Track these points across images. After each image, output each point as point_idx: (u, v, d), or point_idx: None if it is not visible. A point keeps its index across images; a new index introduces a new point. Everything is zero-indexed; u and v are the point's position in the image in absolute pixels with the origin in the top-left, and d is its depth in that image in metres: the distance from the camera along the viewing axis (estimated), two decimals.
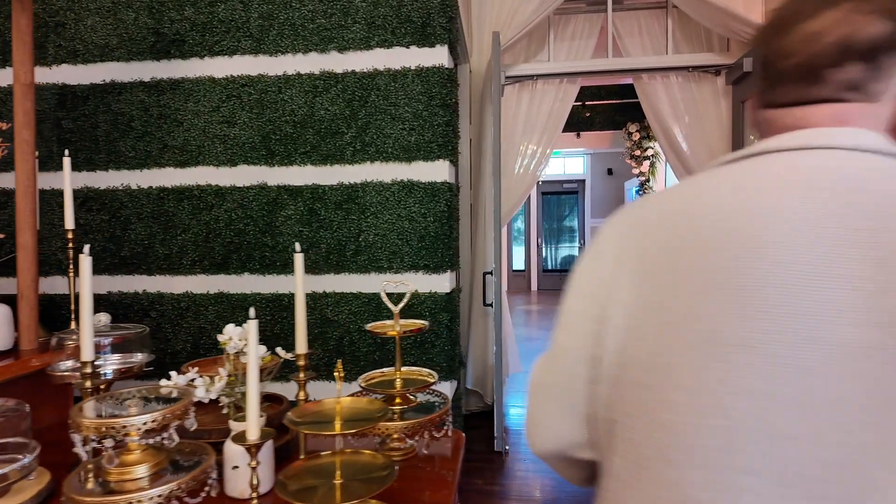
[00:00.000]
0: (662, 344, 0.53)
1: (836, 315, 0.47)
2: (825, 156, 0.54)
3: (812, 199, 0.51)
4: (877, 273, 0.47)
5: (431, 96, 2.06)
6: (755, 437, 0.48)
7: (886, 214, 0.48)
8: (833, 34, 0.55)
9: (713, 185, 0.58)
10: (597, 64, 3.51)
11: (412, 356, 2.05)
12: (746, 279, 0.50)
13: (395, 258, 2.07)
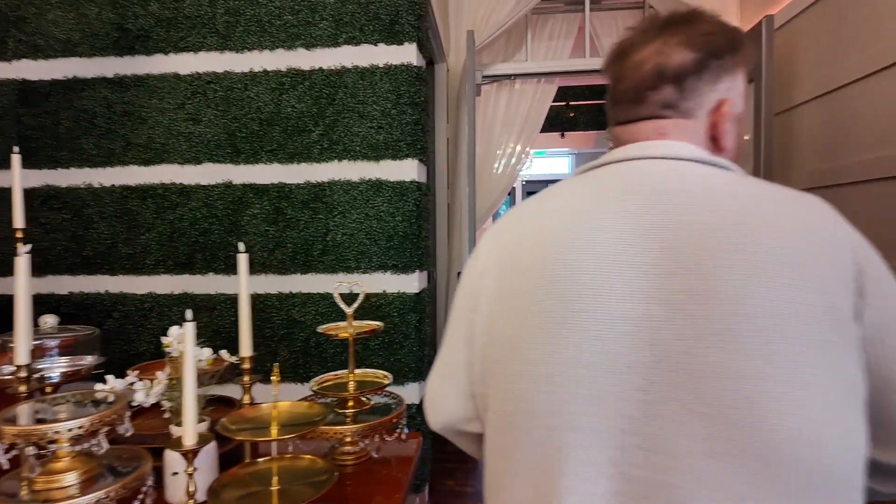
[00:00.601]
0: (511, 326, 0.63)
1: (631, 295, 0.57)
2: (642, 164, 0.65)
3: (622, 202, 0.61)
4: (664, 260, 0.57)
5: (400, 94, 2.03)
6: (575, 400, 0.57)
7: (678, 211, 0.58)
8: (651, 62, 0.67)
9: (559, 191, 0.69)
10: (574, 64, 3.50)
11: (379, 357, 2.03)
12: (567, 269, 0.60)
13: (362, 258, 2.04)
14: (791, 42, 2.78)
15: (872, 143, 2.21)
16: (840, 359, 0.53)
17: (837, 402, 0.52)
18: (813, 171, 2.60)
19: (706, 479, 0.52)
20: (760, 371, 0.51)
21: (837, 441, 0.52)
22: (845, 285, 0.55)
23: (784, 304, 0.52)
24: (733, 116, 0.69)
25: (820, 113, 2.57)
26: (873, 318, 0.55)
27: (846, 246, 0.57)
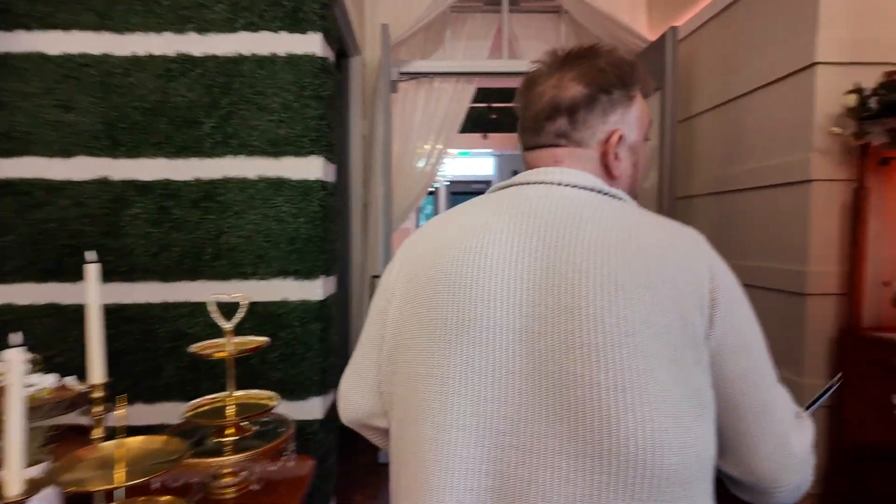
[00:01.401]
0: (413, 332, 0.68)
1: (516, 308, 0.63)
2: (538, 189, 0.71)
3: (515, 223, 0.67)
4: (544, 279, 0.62)
5: (304, 87, 1.90)
6: (463, 401, 0.63)
7: (560, 235, 0.64)
8: (548, 95, 0.73)
9: (468, 208, 0.75)
10: (492, 65, 3.49)
11: (279, 371, 1.88)
12: (463, 282, 0.66)
13: (261, 263, 1.89)
14: (693, 53, 2.91)
15: (762, 152, 2.34)
16: (691, 375, 0.60)
17: (686, 413, 0.59)
18: (712, 176, 2.73)
19: (569, 476, 0.58)
20: (617, 382, 0.57)
21: (683, 448, 0.58)
22: (700, 310, 0.61)
23: (642, 325, 0.58)
24: (626, 145, 0.75)
25: (718, 122, 2.69)
26: (718, 342, 0.62)
27: (705, 275, 0.63)
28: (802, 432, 0.70)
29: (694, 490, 0.60)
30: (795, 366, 2.11)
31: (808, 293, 2.04)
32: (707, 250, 0.67)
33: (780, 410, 0.67)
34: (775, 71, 2.21)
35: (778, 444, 0.66)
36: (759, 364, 0.66)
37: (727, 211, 2.60)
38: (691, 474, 0.59)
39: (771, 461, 0.66)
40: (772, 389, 0.67)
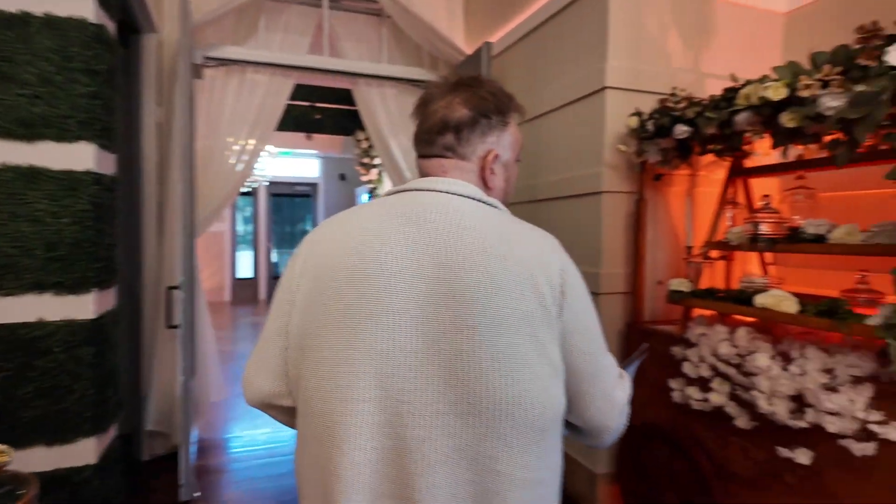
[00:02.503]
0: (321, 321, 0.78)
1: (411, 297, 0.75)
2: (426, 195, 0.83)
3: (407, 224, 0.80)
4: (435, 271, 0.76)
5: (70, 57, 1.55)
6: (367, 377, 0.74)
7: (445, 235, 0.78)
8: (440, 113, 0.87)
9: (365, 209, 0.86)
10: (312, 60, 3.31)
11: (34, 409, 1.50)
12: (365, 276, 0.77)
13: (7, 274, 1.49)
14: (506, 69, 3.10)
15: (562, 165, 2.57)
16: (547, 348, 0.77)
17: (544, 378, 0.76)
18: (520, 187, 2.93)
19: (455, 431, 0.74)
20: (493, 355, 0.73)
21: (542, 404, 0.76)
22: (554, 300, 0.78)
23: (512, 310, 0.75)
24: (500, 163, 0.91)
25: (525, 136, 2.89)
26: (565, 324, 0.79)
27: (558, 272, 0.80)
28: (623, 388, 0.90)
29: (547, 435, 0.79)
30: None
31: (601, 293, 2.28)
32: (561, 253, 0.83)
33: (608, 374, 0.86)
34: (573, 92, 2.44)
35: (607, 400, 0.85)
36: (594, 340, 0.84)
37: (535, 219, 2.80)
38: (546, 424, 0.78)
39: (601, 412, 0.85)
40: (603, 359, 0.85)
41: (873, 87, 1.21)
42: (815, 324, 1.45)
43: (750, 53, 2.47)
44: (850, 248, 1.48)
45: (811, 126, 1.42)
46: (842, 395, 1.36)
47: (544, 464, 0.80)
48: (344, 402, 0.75)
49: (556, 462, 0.83)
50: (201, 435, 3.26)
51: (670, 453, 1.95)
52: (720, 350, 1.70)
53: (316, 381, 0.78)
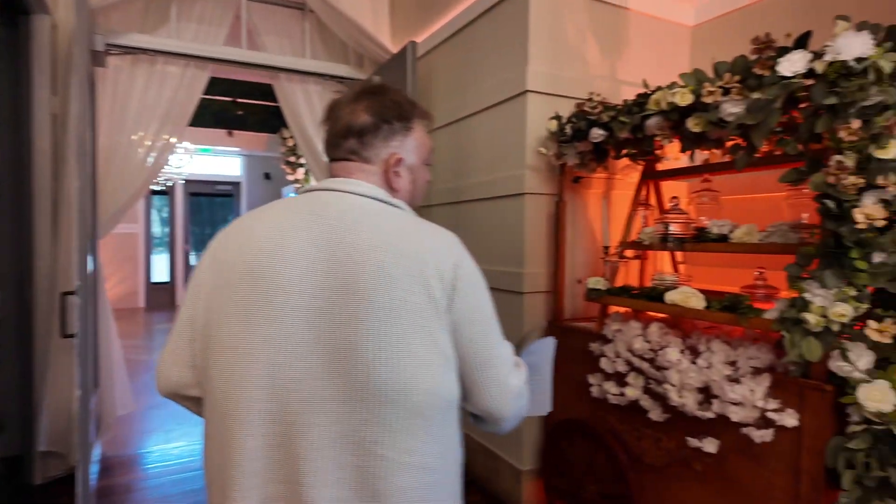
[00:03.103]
0: (224, 314, 0.84)
1: (305, 291, 0.81)
2: (329, 195, 0.90)
3: (308, 221, 0.85)
4: (328, 267, 0.81)
5: None
6: (260, 366, 0.80)
7: (343, 233, 0.83)
8: (345, 119, 0.94)
9: (271, 207, 0.92)
10: (229, 52, 3.15)
11: None
12: (263, 270, 0.82)
13: None
14: (432, 70, 3.09)
15: (487, 167, 2.59)
16: (437, 338, 0.82)
17: (432, 367, 0.81)
18: (447, 188, 2.93)
19: (340, 417, 0.79)
20: (378, 346, 0.78)
21: (427, 391, 0.80)
22: (445, 290, 0.83)
23: (400, 303, 0.80)
24: (405, 166, 0.96)
25: (451, 138, 2.90)
26: (456, 316, 0.85)
27: (450, 268, 0.85)
28: (518, 376, 0.94)
29: (434, 422, 0.83)
30: None
31: (525, 292, 2.32)
32: (457, 250, 0.88)
33: (502, 363, 0.90)
34: (496, 95, 2.46)
35: (501, 387, 0.89)
36: (487, 331, 0.88)
37: (461, 220, 2.81)
38: (434, 411, 0.82)
39: (496, 400, 0.89)
40: (495, 349, 0.89)
41: (767, 95, 1.30)
42: (719, 318, 1.54)
43: (661, 63, 2.60)
44: (749, 246, 1.58)
45: (714, 131, 1.50)
46: (743, 386, 1.45)
47: (433, 450, 0.83)
48: (238, 391, 0.81)
49: (448, 449, 0.87)
50: (107, 452, 3.01)
51: (590, 447, 2.01)
52: (634, 345, 1.77)
53: (216, 371, 0.83)
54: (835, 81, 1.20)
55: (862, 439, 1.20)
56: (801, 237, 1.46)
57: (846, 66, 1.18)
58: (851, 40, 1.18)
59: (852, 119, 1.18)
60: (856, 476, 1.20)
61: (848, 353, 1.24)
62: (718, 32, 2.60)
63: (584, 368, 2.03)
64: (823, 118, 1.24)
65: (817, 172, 1.25)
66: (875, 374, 1.21)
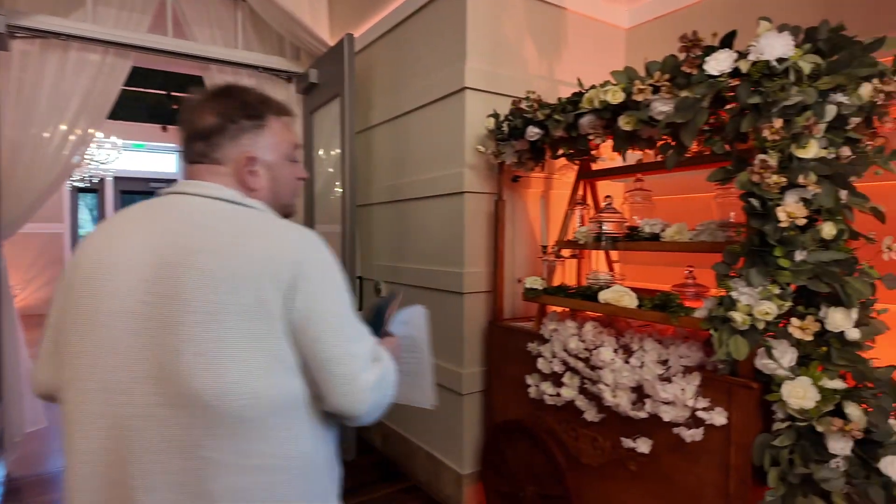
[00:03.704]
0: (66, 316, 0.87)
1: (131, 296, 0.83)
2: (175, 197, 0.91)
3: (148, 224, 0.87)
4: (156, 271, 0.82)
5: None
6: (94, 371, 0.83)
7: (177, 235, 0.84)
8: (191, 122, 0.94)
9: (124, 211, 0.94)
10: (155, 41, 2.95)
11: None
12: (98, 274, 0.85)
13: None
14: (371, 64, 3.00)
15: (426, 165, 2.53)
16: (268, 341, 0.82)
17: (258, 369, 0.81)
18: (387, 186, 2.85)
19: (167, 422, 0.80)
20: (197, 350, 0.78)
21: (252, 395, 0.80)
22: (280, 291, 0.82)
23: (223, 306, 0.79)
24: (262, 164, 0.96)
25: (390, 135, 2.83)
26: (297, 316, 0.83)
27: (289, 268, 0.83)
28: (374, 371, 0.91)
29: (267, 425, 0.83)
30: (457, 358, 2.32)
31: (465, 292, 2.27)
32: (304, 248, 0.87)
33: (351, 360, 0.87)
34: (434, 92, 2.41)
35: (351, 385, 0.87)
36: (335, 328, 0.86)
37: (401, 219, 2.74)
38: (260, 415, 0.82)
39: (346, 398, 0.87)
40: (345, 346, 0.87)
41: (695, 94, 1.30)
42: (651, 317, 1.54)
43: (598, 64, 2.61)
44: (679, 245, 1.58)
45: (645, 130, 1.50)
46: (675, 385, 1.45)
47: (273, 451, 0.84)
48: (75, 395, 0.84)
49: (297, 450, 0.87)
50: (13, 473, 2.75)
51: (529, 448, 1.98)
52: (570, 345, 1.75)
53: (62, 375, 0.87)
54: (758, 81, 1.21)
55: (786, 436, 1.22)
56: (729, 236, 1.48)
57: (769, 67, 1.19)
58: (773, 41, 1.19)
59: (775, 118, 1.19)
60: (781, 473, 1.22)
61: (773, 351, 1.25)
62: (652, 35, 2.64)
63: (523, 369, 2.00)
64: (748, 117, 1.24)
65: (743, 171, 1.26)
66: (798, 370, 1.23)
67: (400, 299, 1.18)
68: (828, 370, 1.23)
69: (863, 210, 1.29)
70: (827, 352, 1.24)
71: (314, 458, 0.90)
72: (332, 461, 0.96)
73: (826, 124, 1.21)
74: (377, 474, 2.72)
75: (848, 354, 1.23)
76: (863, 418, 1.16)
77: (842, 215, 1.25)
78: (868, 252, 1.27)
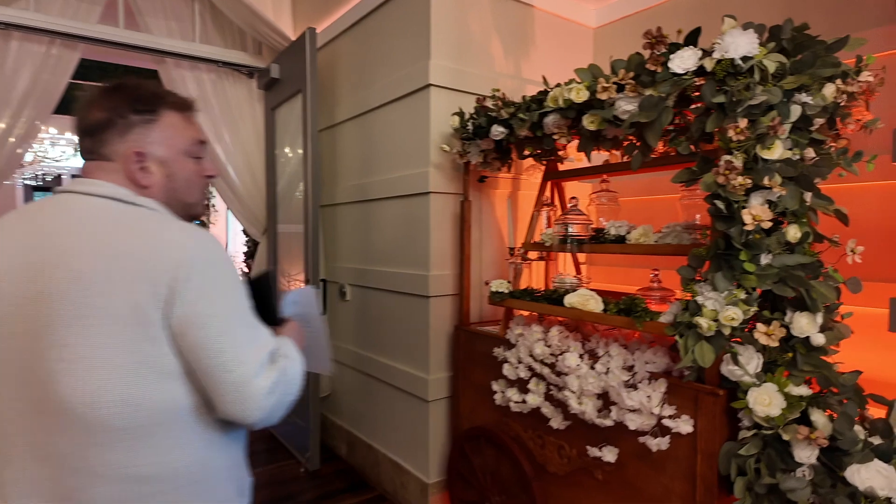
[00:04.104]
0: None
1: (3, 298, 0.80)
2: (61, 196, 0.89)
3: (29, 222, 0.86)
4: (27, 271, 0.80)
5: None
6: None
7: (54, 235, 0.82)
8: (80, 119, 0.92)
9: (13, 212, 0.92)
10: (106, 32, 2.80)
11: None
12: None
13: None
14: (335, 60, 2.91)
15: (392, 164, 2.45)
16: (144, 347, 0.78)
17: (130, 376, 0.77)
18: (352, 185, 2.76)
19: (32, 428, 0.79)
20: (62, 355, 0.76)
21: (121, 403, 0.77)
22: (158, 295, 0.78)
23: (94, 310, 0.76)
24: (154, 160, 0.92)
25: (356, 132, 2.74)
26: (178, 322, 0.79)
27: (169, 274, 0.79)
28: (270, 374, 0.86)
29: (145, 434, 0.80)
30: (423, 363, 2.25)
31: (431, 295, 2.20)
32: (190, 249, 0.82)
33: (241, 365, 0.83)
34: (399, 88, 2.33)
35: (241, 392, 0.82)
36: (221, 333, 0.82)
37: (367, 220, 2.65)
38: (135, 423, 0.79)
39: (236, 405, 0.83)
40: (232, 350, 0.82)
41: (659, 92, 1.26)
42: (616, 322, 1.50)
43: (566, 63, 2.58)
44: (645, 247, 1.55)
45: (610, 130, 1.46)
46: (640, 392, 1.41)
47: (149, 461, 0.80)
48: None
49: (176, 459, 0.83)
50: None
51: (496, 456, 1.93)
52: (535, 350, 1.70)
53: None
54: (723, 80, 1.18)
55: (752, 444, 1.19)
56: (694, 238, 1.45)
57: (734, 65, 1.16)
58: (738, 38, 1.15)
59: (740, 118, 1.16)
60: (747, 482, 1.19)
61: (738, 357, 1.22)
62: (620, 35, 2.62)
63: (490, 374, 1.95)
64: (713, 117, 1.21)
65: (708, 173, 1.22)
66: (764, 377, 1.20)
67: (272, 275, 1.26)
68: (793, 376, 1.20)
69: (827, 212, 1.28)
70: (793, 357, 1.21)
71: (208, 466, 0.87)
72: (234, 469, 0.93)
73: (791, 125, 1.18)
74: (342, 484, 2.63)
75: (813, 360, 1.20)
76: (828, 425, 1.13)
77: (806, 218, 1.23)
78: (832, 255, 1.26)
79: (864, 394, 1.23)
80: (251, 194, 3.24)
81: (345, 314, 2.88)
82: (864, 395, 1.23)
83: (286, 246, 3.05)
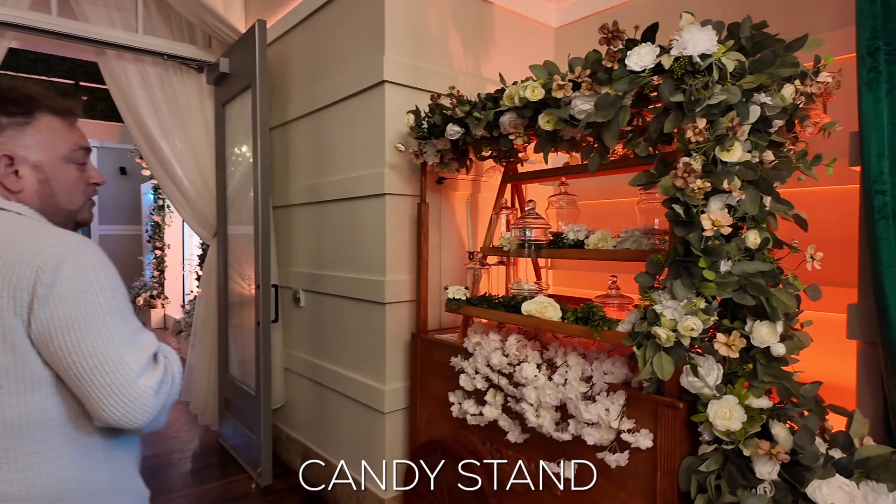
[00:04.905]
0: None
1: None
2: None
3: None
4: None
5: None
6: None
7: None
8: None
9: None
10: (38, 19, 2.60)
11: None
12: None
13: None
14: (287, 55, 2.78)
15: (345, 164, 2.34)
16: (8, 356, 0.78)
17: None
18: (305, 186, 2.64)
19: None
20: None
21: None
22: (23, 300, 0.77)
23: None
24: (27, 165, 0.89)
25: (308, 130, 2.62)
26: (40, 330, 0.78)
27: (31, 270, 0.78)
28: (155, 374, 0.84)
29: (2, 449, 0.77)
30: (379, 373, 2.15)
31: (387, 302, 2.11)
32: (55, 254, 0.79)
33: (121, 367, 0.80)
34: (353, 84, 2.23)
35: (120, 395, 0.80)
36: (91, 335, 0.79)
37: (321, 222, 2.54)
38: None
39: (119, 408, 0.80)
40: (110, 352, 0.80)
41: (615, 90, 1.19)
42: (574, 331, 1.43)
43: (527, 62, 2.51)
44: (602, 253, 1.49)
45: (567, 130, 1.39)
46: (599, 405, 1.34)
47: (9, 478, 0.77)
48: None
49: (42, 474, 0.79)
50: None
51: (453, 470, 1.85)
52: (493, 360, 1.63)
53: None
54: (682, 78, 1.12)
55: (713, 460, 1.13)
56: (653, 243, 1.40)
57: (692, 63, 1.10)
58: (696, 35, 1.10)
59: (699, 118, 1.11)
60: (707, 500, 1.13)
61: (699, 369, 1.16)
62: (582, 35, 2.57)
63: (447, 385, 1.86)
64: (672, 117, 1.15)
65: (666, 176, 1.17)
66: (724, 389, 1.15)
67: None
68: (754, 387, 1.15)
69: (786, 217, 1.24)
70: (753, 368, 1.16)
71: (88, 480, 0.83)
72: (122, 481, 0.90)
73: (750, 126, 1.13)
74: (295, 501, 2.50)
75: (774, 370, 1.16)
76: (788, 439, 1.09)
77: (766, 223, 1.18)
78: (792, 261, 1.22)
79: (825, 404, 1.19)
80: (200, 194, 3.08)
81: (299, 321, 2.75)
82: (824, 405, 1.19)
83: (238, 249, 2.91)
